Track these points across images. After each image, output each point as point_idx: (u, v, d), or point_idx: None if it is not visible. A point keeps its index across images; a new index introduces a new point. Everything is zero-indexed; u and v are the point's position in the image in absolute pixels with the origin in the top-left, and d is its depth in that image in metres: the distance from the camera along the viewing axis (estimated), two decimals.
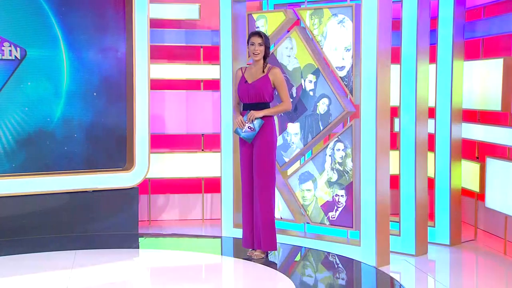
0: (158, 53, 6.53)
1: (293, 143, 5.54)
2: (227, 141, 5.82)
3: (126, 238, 5.82)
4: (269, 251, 4.99)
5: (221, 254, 5.45)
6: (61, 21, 5.70)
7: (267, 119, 4.86)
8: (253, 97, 4.85)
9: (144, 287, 4.55)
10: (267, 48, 4.86)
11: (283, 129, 5.58)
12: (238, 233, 5.75)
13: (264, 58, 4.89)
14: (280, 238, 5.54)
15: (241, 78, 4.93)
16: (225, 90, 5.81)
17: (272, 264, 5.03)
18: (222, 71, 5.83)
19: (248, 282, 4.64)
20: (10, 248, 5.20)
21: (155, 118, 6.41)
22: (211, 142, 6.70)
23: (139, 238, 5.87)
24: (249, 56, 5.05)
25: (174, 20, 6.55)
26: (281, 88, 4.89)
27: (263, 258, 4.93)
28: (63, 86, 5.76)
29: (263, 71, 4.87)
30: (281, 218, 5.63)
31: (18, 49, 5.54)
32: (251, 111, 4.83)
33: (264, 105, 4.86)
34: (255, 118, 4.81)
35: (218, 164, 6.09)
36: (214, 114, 6.55)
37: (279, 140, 5.59)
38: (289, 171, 5.71)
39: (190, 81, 6.67)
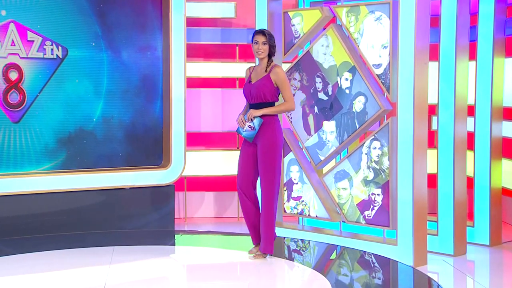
0: (194, 52, 6.58)
1: (328, 141, 5.51)
2: None
3: (163, 235, 5.87)
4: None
5: None
6: (101, 20, 5.78)
7: (269, 118, 4.75)
8: (255, 97, 4.74)
9: (180, 284, 4.59)
10: (271, 47, 4.74)
11: (318, 127, 5.56)
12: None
13: (270, 56, 4.77)
14: (315, 237, 5.53)
15: (248, 78, 4.85)
16: None
17: (307, 263, 5.02)
18: None
19: (284, 280, 4.63)
20: (48, 244, 5.31)
21: (191, 116, 6.45)
22: None
23: (175, 235, 5.92)
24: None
25: (210, 18, 6.58)
26: (283, 87, 4.75)
27: (264, 257, 4.89)
28: (102, 85, 5.84)
29: (266, 70, 4.76)
30: (316, 216, 5.61)
31: (59, 48, 5.62)
32: (250, 109, 4.75)
33: (266, 105, 4.74)
34: (254, 117, 4.71)
35: None
36: None
37: (314, 138, 5.57)
38: (325, 169, 5.68)
39: (225, 79, 6.69)
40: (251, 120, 4.72)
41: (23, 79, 5.51)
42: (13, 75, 5.48)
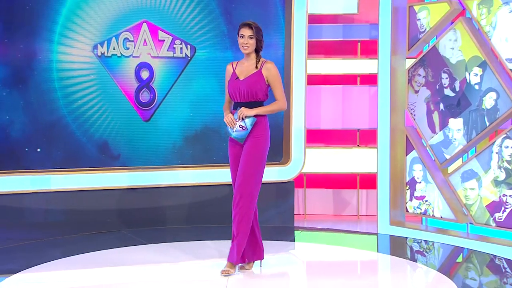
0: (315, 49, 6.58)
1: (455, 139, 5.30)
2: (384, 137, 5.71)
3: (282, 230, 5.93)
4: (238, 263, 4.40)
5: (377, 251, 5.36)
6: (227, 19, 5.91)
7: (260, 118, 4.33)
8: (244, 95, 4.30)
9: (300, 280, 4.61)
10: (259, 41, 4.30)
11: (444, 125, 5.36)
12: (395, 230, 5.64)
13: (257, 52, 4.34)
14: (439, 238, 5.34)
15: (232, 74, 4.38)
16: (383, 85, 5.70)
17: (431, 265, 4.86)
18: (380, 65, 5.72)
19: (406, 281, 4.51)
20: (173, 235, 5.50)
21: (311, 113, 6.46)
22: (367, 137, 6.61)
23: (295, 231, 5.95)
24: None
25: (332, 15, 6.53)
26: (276, 84, 4.33)
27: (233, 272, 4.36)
28: None
29: (256, 67, 4.32)
30: (441, 217, 5.41)
31: (188, 46, 5.82)
32: (242, 108, 4.29)
33: (257, 104, 4.32)
34: (246, 116, 4.27)
35: (374, 160, 5.99)
36: (370, 110, 6.46)
37: (439, 136, 5.38)
38: (450, 168, 5.47)
39: (346, 75, 6.64)
40: (243, 119, 4.30)
41: (154, 78, 5.78)
42: (145, 74, 5.76)
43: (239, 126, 4.29)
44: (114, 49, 5.62)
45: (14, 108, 5.39)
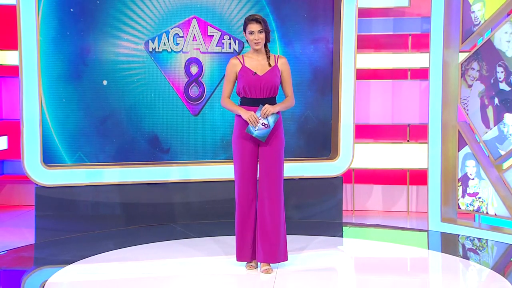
0: (365, 43, 6.50)
1: (510, 135, 5.15)
2: (435, 132, 5.61)
3: (330, 226, 5.90)
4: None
5: (428, 248, 5.27)
6: (276, 13, 5.90)
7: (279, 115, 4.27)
8: (265, 91, 4.20)
9: (348, 276, 4.58)
10: (267, 33, 4.18)
11: (499, 120, 5.21)
12: (446, 227, 5.53)
13: (265, 45, 4.22)
14: (493, 236, 5.22)
15: (245, 70, 4.22)
16: (434, 79, 5.59)
17: (484, 263, 4.75)
18: (432, 59, 5.61)
19: (458, 279, 4.42)
20: (221, 230, 5.53)
21: (360, 108, 6.40)
22: (417, 132, 6.50)
23: (343, 227, 5.91)
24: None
25: (382, 8, 6.44)
26: (289, 80, 4.27)
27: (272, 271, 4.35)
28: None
29: (270, 63, 4.22)
30: (495, 214, 5.28)
31: (237, 42, 5.84)
32: (266, 105, 4.16)
33: (273, 100, 4.24)
34: (271, 114, 4.16)
35: (424, 155, 5.89)
36: (421, 104, 6.34)
37: (494, 132, 5.24)
38: (505, 165, 5.32)
39: (396, 70, 6.54)
40: (266, 117, 4.16)
41: (203, 73, 5.83)
42: (194, 69, 5.82)
43: (262, 124, 4.16)
44: (164, 44, 5.70)
45: (69, 103, 5.52)
